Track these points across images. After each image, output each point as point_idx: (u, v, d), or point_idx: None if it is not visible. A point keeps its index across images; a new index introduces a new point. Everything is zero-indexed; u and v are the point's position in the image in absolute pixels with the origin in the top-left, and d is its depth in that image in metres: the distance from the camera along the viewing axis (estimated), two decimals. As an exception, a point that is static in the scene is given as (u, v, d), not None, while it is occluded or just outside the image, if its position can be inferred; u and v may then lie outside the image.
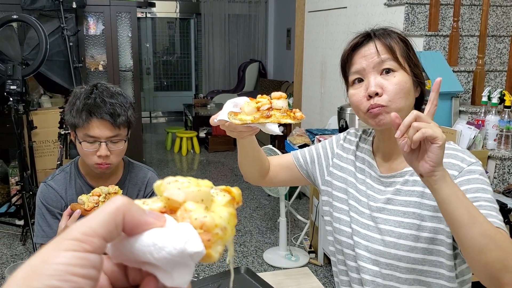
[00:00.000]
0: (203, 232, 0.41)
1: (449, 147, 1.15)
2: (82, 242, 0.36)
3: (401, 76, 1.13)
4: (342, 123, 3.15)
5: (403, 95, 1.12)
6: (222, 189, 0.48)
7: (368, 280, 1.20)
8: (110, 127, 1.49)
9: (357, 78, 1.18)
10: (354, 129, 1.39)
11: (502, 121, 2.61)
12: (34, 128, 4.05)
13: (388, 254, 1.16)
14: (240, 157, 1.31)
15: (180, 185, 0.44)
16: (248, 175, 1.36)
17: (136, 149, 4.70)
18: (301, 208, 4.54)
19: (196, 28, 9.39)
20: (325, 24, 4.40)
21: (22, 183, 3.71)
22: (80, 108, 1.48)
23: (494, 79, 3.13)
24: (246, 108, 0.96)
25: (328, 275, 3.30)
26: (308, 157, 1.39)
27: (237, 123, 0.96)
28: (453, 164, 1.11)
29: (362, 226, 1.22)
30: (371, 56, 1.15)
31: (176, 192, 0.43)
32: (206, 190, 0.45)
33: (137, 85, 5.26)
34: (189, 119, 7.65)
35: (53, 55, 4.02)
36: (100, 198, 1.42)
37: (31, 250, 3.52)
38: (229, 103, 1.00)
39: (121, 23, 5.09)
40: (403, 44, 1.16)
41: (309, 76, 4.90)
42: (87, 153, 1.51)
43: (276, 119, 0.95)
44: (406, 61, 1.15)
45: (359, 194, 1.25)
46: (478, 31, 3.19)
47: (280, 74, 8.76)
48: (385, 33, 1.17)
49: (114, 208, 0.38)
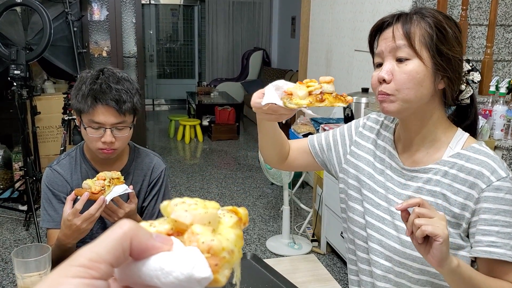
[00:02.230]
0: (210, 257, 0.41)
1: (482, 151, 1.10)
2: (89, 268, 0.36)
3: (415, 65, 1.06)
4: (348, 111, 3.13)
5: (413, 85, 1.06)
6: (229, 210, 0.48)
7: (380, 275, 1.17)
8: (115, 114, 1.47)
9: (378, 61, 1.14)
10: (375, 114, 1.33)
11: (509, 111, 2.58)
12: (37, 113, 4.04)
13: (403, 254, 1.12)
14: (261, 140, 1.29)
15: (187, 207, 0.43)
16: (268, 158, 1.34)
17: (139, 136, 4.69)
18: (304, 197, 4.54)
19: (200, 15, 9.33)
20: (331, 11, 4.36)
21: (25, 168, 3.71)
22: (85, 94, 1.46)
23: (502, 68, 3.10)
24: (299, 92, 0.96)
25: (331, 263, 3.31)
26: (324, 144, 1.35)
27: (293, 107, 0.96)
28: (483, 174, 1.06)
29: (377, 219, 1.19)
30: (389, 40, 1.10)
31: (183, 214, 0.43)
32: (213, 212, 0.44)
33: (141, 72, 5.24)
34: (192, 107, 7.63)
35: (57, 40, 3.99)
36: (106, 182, 1.41)
37: (34, 235, 3.52)
38: (271, 86, 1.00)
39: (125, 9, 5.05)
40: (431, 30, 1.06)
41: (314, 64, 4.86)
42: (92, 139, 1.50)
43: (329, 102, 0.96)
44: (426, 49, 1.06)
45: (377, 185, 1.21)
46: (486, 20, 3.15)
47: (284, 63, 8.71)
48: (414, 16, 1.09)
49: (121, 234, 0.38)
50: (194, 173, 5.33)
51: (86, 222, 1.37)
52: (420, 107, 1.10)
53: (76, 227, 1.37)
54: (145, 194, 1.68)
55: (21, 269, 1.19)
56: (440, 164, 1.12)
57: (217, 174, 5.32)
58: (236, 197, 4.59)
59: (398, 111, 1.10)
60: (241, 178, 5.16)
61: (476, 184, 1.06)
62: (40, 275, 1.20)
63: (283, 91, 0.99)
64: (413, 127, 1.15)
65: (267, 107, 1.01)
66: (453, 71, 1.08)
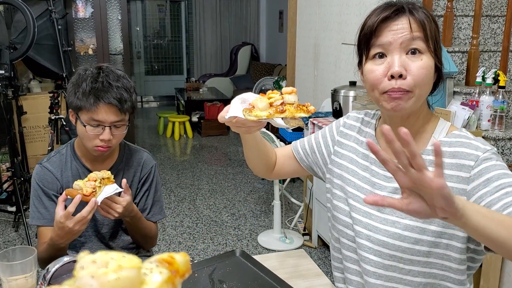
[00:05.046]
0: None
1: (462, 135, 1.10)
2: None
3: (428, 60, 1.03)
4: (336, 105, 3.13)
5: (428, 80, 1.04)
6: (162, 260, 0.39)
7: (370, 271, 1.16)
8: (116, 112, 1.48)
9: (379, 53, 1.06)
10: (355, 112, 1.32)
11: (496, 101, 2.60)
12: (24, 113, 4.00)
13: (392, 246, 1.11)
14: (246, 152, 1.28)
15: (94, 272, 0.35)
16: (255, 169, 1.33)
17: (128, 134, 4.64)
18: (295, 191, 4.54)
19: (187, 10, 9.28)
20: (318, 5, 4.35)
21: (13, 169, 3.67)
22: (87, 91, 1.46)
23: (488, 59, 3.11)
24: (259, 104, 0.95)
25: (322, 256, 3.31)
26: (308, 148, 1.34)
27: (253, 119, 0.95)
28: (468, 153, 1.05)
29: (364, 215, 1.17)
30: (402, 31, 1.03)
31: (89, 282, 0.34)
32: (128, 275, 0.35)
33: (128, 69, 5.20)
34: (181, 103, 7.59)
35: (41, 39, 3.94)
36: (96, 183, 1.42)
37: (24, 237, 3.49)
38: (237, 100, 1.00)
39: (110, 6, 5.00)
40: (433, 25, 1.05)
41: (302, 58, 4.85)
42: (90, 136, 1.50)
43: (290, 113, 0.96)
44: (433, 42, 1.04)
45: (361, 182, 1.20)
46: (472, 11, 3.16)
47: (272, 57, 8.69)
48: (415, 9, 1.06)
49: None
50: (185, 170, 5.31)
51: (79, 224, 1.39)
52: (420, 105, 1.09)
53: (68, 229, 1.39)
54: (136, 190, 1.68)
55: (6, 273, 1.17)
56: (424, 154, 1.11)
57: (207, 170, 5.30)
58: (227, 193, 4.58)
59: (411, 108, 1.06)
60: (231, 174, 5.15)
61: (463, 164, 1.05)
62: (26, 277, 1.18)
63: (249, 103, 0.99)
64: (406, 123, 1.11)
65: (235, 120, 1.01)
66: (441, 64, 1.09)
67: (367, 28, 1.08)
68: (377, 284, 1.16)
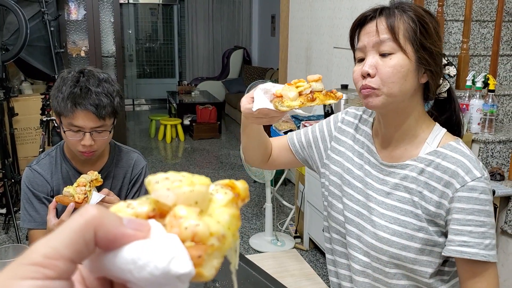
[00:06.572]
0: (193, 246, 0.34)
1: (458, 150, 1.10)
2: (44, 267, 0.30)
3: (399, 59, 1.06)
4: (328, 108, 3.15)
5: (397, 79, 1.06)
6: (224, 184, 0.41)
7: (358, 270, 1.18)
8: (94, 119, 1.45)
9: (360, 57, 1.12)
10: (353, 108, 1.33)
11: (486, 105, 2.63)
12: (15, 115, 3.98)
13: (380, 249, 1.13)
14: (246, 142, 1.29)
15: (169, 185, 0.37)
16: (251, 159, 1.34)
17: (119, 137, 4.65)
18: (287, 194, 4.55)
19: (180, 14, 9.28)
20: (310, 9, 4.38)
21: (3, 171, 3.64)
22: (65, 97, 1.44)
23: (478, 63, 3.15)
24: (289, 94, 0.95)
25: (314, 259, 3.32)
26: (304, 141, 1.35)
27: (286, 109, 0.96)
28: (458, 174, 1.06)
29: (356, 214, 1.18)
30: (372, 34, 1.08)
31: (165, 193, 0.36)
32: (201, 189, 0.38)
33: (120, 72, 5.19)
34: (173, 106, 7.58)
35: (33, 40, 3.93)
36: (87, 188, 1.40)
37: (14, 239, 3.47)
38: (259, 91, 0.99)
39: (103, 8, 4.99)
40: (414, 24, 1.06)
41: (294, 62, 4.88)
42: (71, 142, 1.49)
43: (320, 101, 0.96)
44: (410, 43, 1.06)
45: (356, 180, 1.21)
46: (462, 16, 3.20)
47: (264, 61, 8.71)
48: (396, 10, 1.08)
49: (82, 223, 0.32)
50: (176, 173, 5.29)
51: None
52: (403, 102, 1.10)
53: None
54: (127, 191, 1.67)
55: None
56: (417, 161, 1.12)
57: (199, 173, 5.19)
58: (219, 195, 4.57)
59: (382, 106, 1.09)
60: (223, 177, 5.13)
61: (451, 183, 1.06)
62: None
63: (272, 93, 0.98)
64: (394, 122, 1.14)
65: (257, 111, 1.00)
66: (435, 65, 1.09)
67: (349, 32, 1.16)
68: (365, 283, 1.18)
